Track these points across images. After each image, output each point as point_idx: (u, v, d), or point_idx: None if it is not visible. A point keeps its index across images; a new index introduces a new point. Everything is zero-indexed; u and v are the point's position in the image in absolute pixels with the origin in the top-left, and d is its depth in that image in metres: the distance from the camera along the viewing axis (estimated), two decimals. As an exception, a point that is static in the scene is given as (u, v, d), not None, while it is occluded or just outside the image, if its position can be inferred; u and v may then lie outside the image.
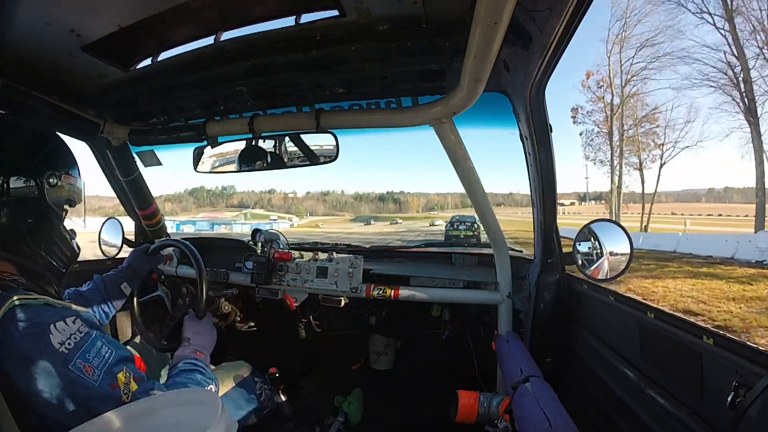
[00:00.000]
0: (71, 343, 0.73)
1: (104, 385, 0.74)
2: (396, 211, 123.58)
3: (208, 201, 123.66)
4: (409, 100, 1.40)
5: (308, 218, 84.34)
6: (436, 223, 55.11)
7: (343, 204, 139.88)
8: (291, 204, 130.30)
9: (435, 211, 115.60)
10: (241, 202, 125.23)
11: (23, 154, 0.87)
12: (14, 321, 0.71)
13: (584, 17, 0.85)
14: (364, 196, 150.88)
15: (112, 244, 1.99)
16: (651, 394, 1.00)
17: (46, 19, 0.96)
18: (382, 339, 2.30)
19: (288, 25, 1.06)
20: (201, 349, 1.19)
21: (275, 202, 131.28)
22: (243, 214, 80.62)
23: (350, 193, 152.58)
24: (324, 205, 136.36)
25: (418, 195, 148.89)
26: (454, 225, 22.88)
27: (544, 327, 1.56)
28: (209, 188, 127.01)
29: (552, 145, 1.35)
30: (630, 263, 1.35)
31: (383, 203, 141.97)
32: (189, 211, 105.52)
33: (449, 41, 1.06)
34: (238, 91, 1.37)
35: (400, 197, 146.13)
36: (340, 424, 1.98)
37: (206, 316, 1.35)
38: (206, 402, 0.72)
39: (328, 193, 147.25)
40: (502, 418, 1.25)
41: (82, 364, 0.73)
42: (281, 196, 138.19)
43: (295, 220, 75.59)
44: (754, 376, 0.71)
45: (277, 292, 1.90)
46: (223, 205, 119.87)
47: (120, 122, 1.62)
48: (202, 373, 1.06)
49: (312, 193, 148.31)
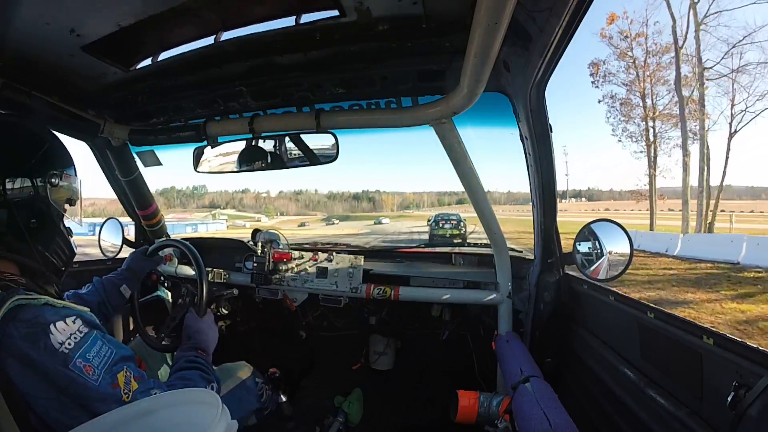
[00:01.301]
0: (71, 342, 0.73)
1: (105, 384, 0.74)
2: (370, 210, 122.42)
3: (179, 201, 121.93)
4: (409, 100, 1.40)
5: (278, 218, 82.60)
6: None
7: (316, 203, 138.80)
8: (263, 204, 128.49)
9: (410, 210, 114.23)
10: (212, 203, 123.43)
11: (27, 155, 0.88)
12: (14, 321, 0.71)
13: (584, 17, 0.85)
14: (338, 195, 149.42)
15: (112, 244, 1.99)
16: (651, 394, 1.00)
17: (46, 19, 0.96)
18: (382, 339, 2.30)
19: (288, 25, 1.06)
20: (202, 346, 1.18)
21: (247, 202, 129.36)
22: (212, 215, 79.64)
23: (324, 192, 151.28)
24: (296, 204, 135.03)
25: (394, 194, 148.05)
26: (439, 224, 20.37)
27: (544, 327, 1.56)
28: (179, 188, 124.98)
29: (552, 145, 1.35)
30: (630, 263, 1.35)
31: (358, 202, 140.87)
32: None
33: (449, 41, 1.06)
34: (238, 91, 1.37)
35: (375, 196, 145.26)
36: (340, 424, 1.98)
37: (207, 314, 1.35)
38: (206, 402, 0.71)
39: (301, 192, 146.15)
40: (502, 418, 1.25)
41: (83, 364, 0.73)
42: (253, 195, 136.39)
43: (264, 220, 74.09)
44: (754, 376, 0.71)
45: (277, 292, 1.90)
46: (194, 206, 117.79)
47: (120, 122, 1.62)
48: (203, 371, 1.05)
49: (284, 192, 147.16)
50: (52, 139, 0.95)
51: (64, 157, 0.96)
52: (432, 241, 15.76)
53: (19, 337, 0.70)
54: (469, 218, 19.93)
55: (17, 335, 0.70)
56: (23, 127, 0.91)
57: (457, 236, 18.69)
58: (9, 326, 0.70)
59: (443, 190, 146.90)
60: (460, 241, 15.67)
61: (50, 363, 0.70)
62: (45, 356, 0.70)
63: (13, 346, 0.69)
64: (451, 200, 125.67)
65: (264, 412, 1.63)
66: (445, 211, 26.04)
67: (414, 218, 60.12)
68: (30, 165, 0.87)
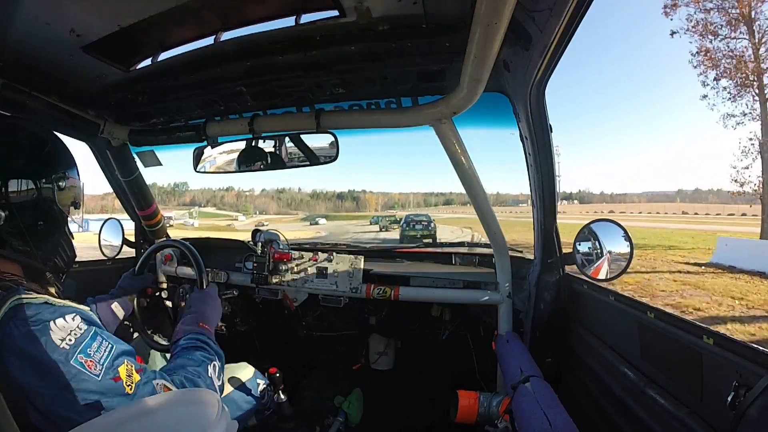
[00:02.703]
0: (71, 339, 0.74)
1: (107, 378, 0.75)
2: (354, 210, 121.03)
3: (160, 198, 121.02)
4: (409, 100, 1.40)
5: (256, 217, 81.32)
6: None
7: (299, 202, 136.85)
8: (244, 202, 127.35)
9: (393, 210, 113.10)
10: (193, 200, 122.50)
11: (34, 157, 0.89)
12: (15, 319, 0.71)
13: (584, 17, 0.85)
14: (321, 194, 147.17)
15: (112, 244, 2.00)
16: (651, 393, 1.00)
17: (46, 19, 0.96)
18: (382, 339, 2.30)
19: (288, 26, 1.06)
20: (204, 318, 1.14)
21: (228, 200, 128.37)
22: (189, 213, 79.22)
23: (307, 191, 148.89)
24: (278, 203, 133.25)
25: (378, 194, 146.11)
26: (410, 224, 21.46)
27: (544, 327, 1.56)
28: (161, 185, 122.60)
29: (552, 145, 1.35)
30: (630, 263, 1.35)
31: (341, 201, 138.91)
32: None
33: (449, 41, 1.06)
34: (238, 91, 1.37)
35: (360, 195, 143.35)
36: (340, 424, 1.98)
37: (210, 287, 1.32)
38: (206, 402, 0.71)
39: (283, 191, 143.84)
40: (502, 418, 1.25)
41: (84, 359, 0.74)
42: (234, 193, 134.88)
43: (241, 219, 72.96)
44: (754, 376, 0.71)
45: (277, 293, 1.90)
46: (175, 203, 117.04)
47: (120, 122, 1.62)
48: (204, 349, 1.02)
49: (267, 190, 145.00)
50: (56, 140, 0.96)
51: (70, 160, 0.97)
52: (402, 242, 17.77)
53: (20, 335, 0.70)
54: (469, 219, 20.23)
55: (17, 333, 0.70)
56: (29, 129, 0.92)
57: (427, 236, 19.98)
58: (9, 324, 0.71)
59: (430, 191, 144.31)
60: (430, 240, 17.70)
61: (51, 359, 0.71)
62: (46, 353, 0.71)
63: (14, 344, 0.70)
64: (438, 201, 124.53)
65: (264, 413, 1.63)
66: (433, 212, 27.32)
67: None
68: (38, 167, 0.89)
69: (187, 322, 1.12)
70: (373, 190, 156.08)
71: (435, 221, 21.91)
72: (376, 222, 37.04)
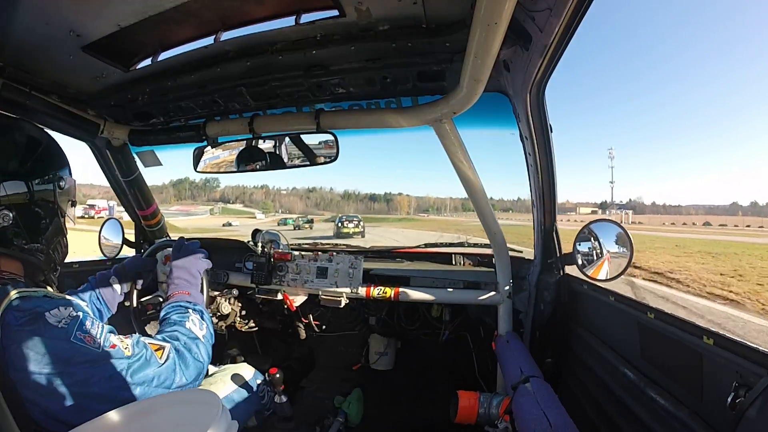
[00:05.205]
0: (67, 321, 0.79)
1: (106, 347, 0.82)
2: (386, 213, 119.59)
3: (190, 194, 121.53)
4: (409, 100, 1.40)
5: (278, 215, 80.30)
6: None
7: (328, 202, 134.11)
8: (273, 200, 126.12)
9: (425, 213, 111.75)
10: (222, 196, 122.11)
11: (36, 158, 0.92)
12: (15, 310, 0.75)
13: (584, 17, 0.85)
14: (352, 194, 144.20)
15: (112, 244, 1.99)
16: (651, 394, 0.99)
17: (46, 19, 0.96)
18: (382, 339, 2.30)
19: (288, 25, 1.06)
20: (177, 287, 1.19)
21: (256, 198, 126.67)
22: (210, 210, 79.18)
23: (339, 191, 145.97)
24: (306, 202, 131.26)
25: (410, 196, 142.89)
26: (344, 223, 27.64)
27: (544, 327, 1.56)
28: (192, 180, 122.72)
29: (552, 145, 1.35)
30: (630, 263, 1.35)
31: (373, 203, 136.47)
32: (168, 203, 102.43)
33: (449, 41, 1.06)
34: (238, 91, 1.37)
35: (394, 198, 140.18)
36: (340, 424, 1.98)
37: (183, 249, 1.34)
38: (206, 402, 0.72)
39: (313, 190, 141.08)
40: (502, 418, 1.25)
41: (82, 335, 0.79)
42: (263, 191, 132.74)
43: (260, 216, 71.97)
44: (754, 376, 0.71)
45: (277, 293, 1.90)
46: (204, 199, 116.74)
47: (120, 122, 1.62)
48: (178, 312, 1.08)
49: (298, 189, 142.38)
50: (50, 140, 0.98)
51: (64, 158, 1.00)
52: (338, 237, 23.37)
53: (18, 324, 0.74)
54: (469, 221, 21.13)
55: (15, 323, 0.74)
56: (26, 130, 0.94)
57: (357, 234, 26.58)
58: (8, 315, 0.74)
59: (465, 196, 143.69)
60: (361, 237, 25.32)
61: (52, 339, 0.76)
62: (46, 334, 0.76)
63: (14, 333, 0.74)
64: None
65: (264, 413, 1.63)
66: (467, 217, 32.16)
67: (413, 224, 53.22)
68: (40, 167, 0.92)
69: (169, 300, 1.17)
70: (410, 193, 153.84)
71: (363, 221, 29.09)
72: (285, 223, 40.29)
